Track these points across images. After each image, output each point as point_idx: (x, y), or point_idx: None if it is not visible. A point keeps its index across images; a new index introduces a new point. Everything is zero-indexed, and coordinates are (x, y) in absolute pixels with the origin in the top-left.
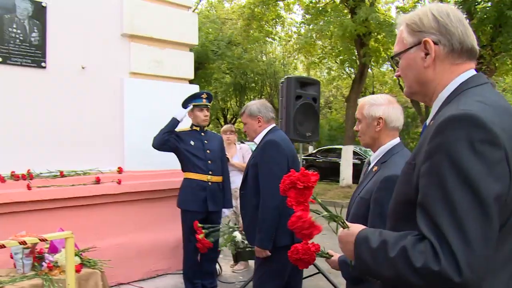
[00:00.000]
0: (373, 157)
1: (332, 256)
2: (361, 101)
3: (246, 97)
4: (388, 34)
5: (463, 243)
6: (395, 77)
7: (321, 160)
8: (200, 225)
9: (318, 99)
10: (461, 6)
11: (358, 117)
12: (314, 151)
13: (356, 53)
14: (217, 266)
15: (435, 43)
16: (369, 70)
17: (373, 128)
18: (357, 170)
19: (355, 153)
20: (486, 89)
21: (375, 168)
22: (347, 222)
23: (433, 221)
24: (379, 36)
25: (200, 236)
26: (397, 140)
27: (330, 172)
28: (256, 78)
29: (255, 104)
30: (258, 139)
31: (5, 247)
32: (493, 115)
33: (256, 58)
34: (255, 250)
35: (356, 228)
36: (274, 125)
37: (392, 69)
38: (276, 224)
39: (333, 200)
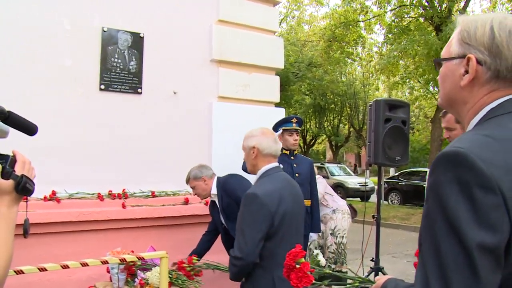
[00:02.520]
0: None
1: None
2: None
3: (325, 118)
4: None
5: None
6: None
7: (403, 183)
8: None
9: (407, 122)
10: None
11: (242, 148)
12: (396, 174)
13: None
14: None
15: (479, 63)
16: None
17: (250, 156)
18: None
19: None
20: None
21: None
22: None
23: (424, 268)
24: None
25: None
26: (272, 164)
27: (413, 196)
28: (335, 99)
29: (195, 168)
30: (213, 192)
31: (107, 263)
32: (494, 153)
33: (336, 79)
34: None
35: (382, 280)
36: (215, 176)
37: None
38: None
39: (417, 225)
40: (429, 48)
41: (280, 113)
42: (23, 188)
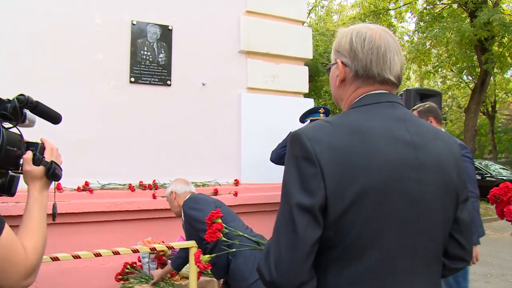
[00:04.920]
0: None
1: None
2: None
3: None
4: None
5: (276, 247)
6: None
7: None
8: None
9: (440, 111)
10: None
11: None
12: None
13: (477, 60)
14: None
15: (344, 65)
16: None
17: (172, 200)
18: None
19: (475, 168)
20: (364, 109)
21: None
22: None
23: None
24: (504, 40)
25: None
26: (188, 196)
27: None
28: None
29: None
30: None
31: (138, 251)
32: (324, 134)
33: None
34: None
35: None
36: None
37: None
38: None
39: None
40: (462, 35)
41: (309, 104)
42: (53, 173)
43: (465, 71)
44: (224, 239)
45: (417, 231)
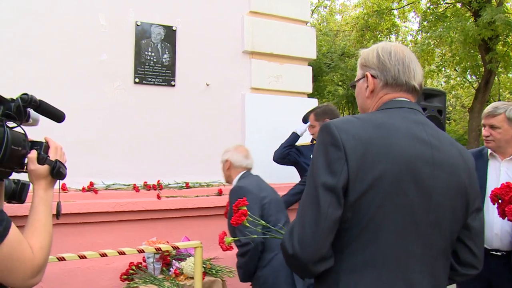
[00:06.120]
0: None
1: None
2: None
3: (358, 109)
4: None
5: (300, 223)
6: None
7: None
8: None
9: (443, 111)
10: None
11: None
12: None
13: (481, 59)
14: None
15: (373, 77)
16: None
17: (225, 169)
18: None
19: None
20: (388, 111)
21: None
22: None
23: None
24: (508, 39)
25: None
26: (242, 173)
27: None
28: None
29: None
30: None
31: (143, 251)
32: (351, 126)
33: None
34: None
35: None
36: None
37: None
38: None
39: None
40: (466, 34)
41: (313, 104)
42: (58, 172)
43: (469, 70)
44: (247, 225)
45: (426, 222)
